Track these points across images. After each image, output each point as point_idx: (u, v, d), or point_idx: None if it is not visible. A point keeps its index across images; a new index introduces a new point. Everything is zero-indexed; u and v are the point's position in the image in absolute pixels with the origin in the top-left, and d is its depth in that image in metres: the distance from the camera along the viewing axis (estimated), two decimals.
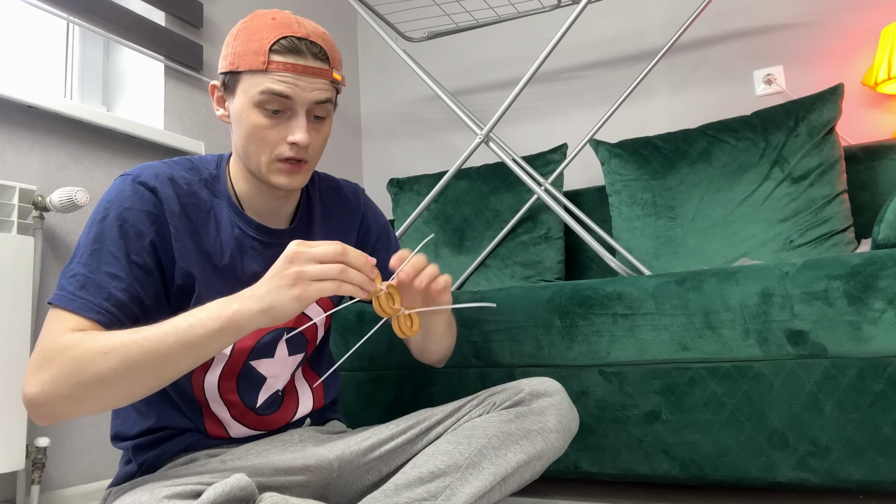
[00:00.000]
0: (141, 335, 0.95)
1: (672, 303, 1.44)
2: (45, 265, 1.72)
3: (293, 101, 1.09)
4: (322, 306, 1.30)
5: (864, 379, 1.28)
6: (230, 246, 1.17)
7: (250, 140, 1.12)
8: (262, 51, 1.08)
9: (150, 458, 1.15)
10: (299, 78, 1.09)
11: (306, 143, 1.11)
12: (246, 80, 1.10)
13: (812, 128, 2.06)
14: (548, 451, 1.19)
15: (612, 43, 2.84)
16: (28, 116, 1.75)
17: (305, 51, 1.10)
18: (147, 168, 1.13)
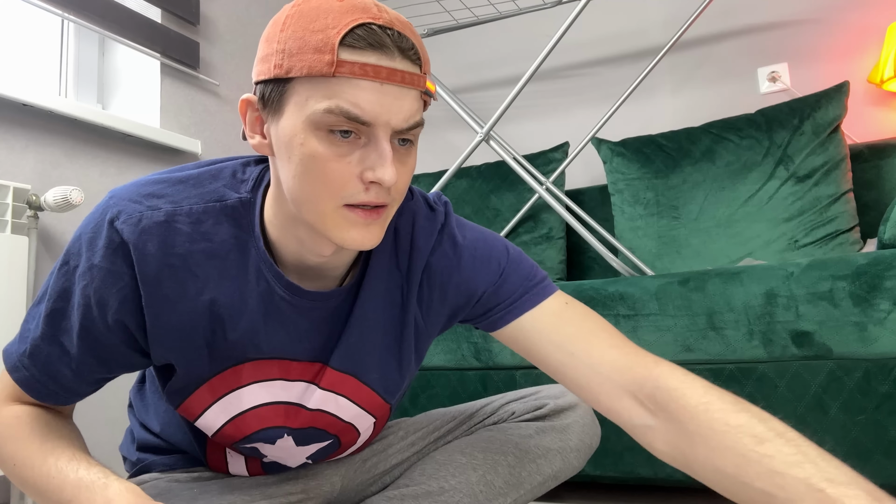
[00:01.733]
0: (42, 470, 0.81)
1: (675, 303, 1.43)
2: (39, 265, 1.72)
3: (370, 124, 0.72)
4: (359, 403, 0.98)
5: (869, 380, 1.28)
6: (250, 305, 0.86)
7: (306, 178, 0.74)
8: (327, 46, 0.70)
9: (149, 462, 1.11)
10: (383, 89, 0.71)
11: (392, 182, 0.73)
12: (301, 89, 0.72)
13: (817, 126, 2.05)
14: (564, 471, 1.14)
15: (614, 40, 2.83)
16: (22, 115, 1.74)
17: (391, 45, 0.72)
18: (136, 201, 0.81)
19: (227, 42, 2.47)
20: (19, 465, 0.82)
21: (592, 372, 0.88)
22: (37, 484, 0.81)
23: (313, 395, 0.93)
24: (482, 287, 0.95)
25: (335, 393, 0.94)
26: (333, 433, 0.99)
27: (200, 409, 0.91)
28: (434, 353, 1.68)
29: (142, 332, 0.83)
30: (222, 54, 2.44)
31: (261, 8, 2.66)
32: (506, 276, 0.95)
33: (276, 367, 0.90)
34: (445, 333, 1.66)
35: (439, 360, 1.68)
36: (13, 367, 0.85)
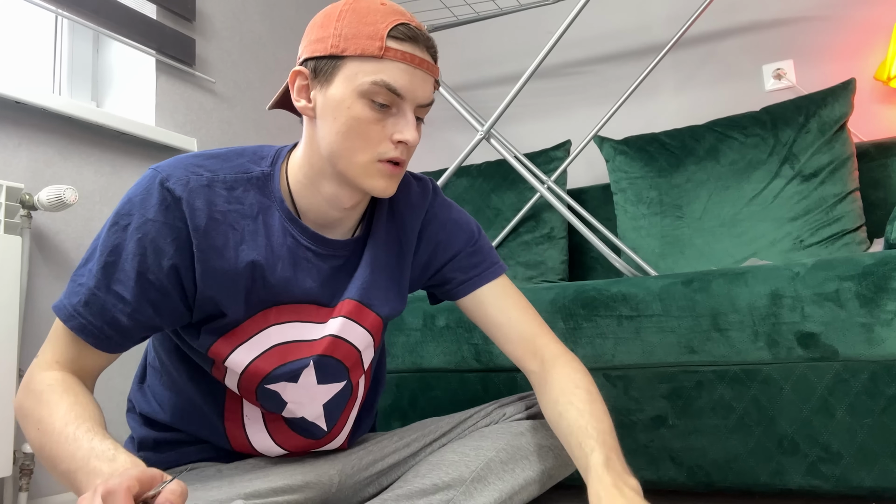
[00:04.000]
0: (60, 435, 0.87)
1: (679, 304, 1.43)
2: (32, 265, 1.71)
3: (403, 98, 0.97)
4: (369, 329, 1.15)
5: (876, 382, 1.27)
6: (281, 257, 1.04)
7: (350, 135, 0.97)
8: (377, 35, 0.95)
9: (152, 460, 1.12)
10: (415, 72, 0.97)
11: (415, 143, 0.99)
12: (352, 66, 0.95)
13: (823, 124, 2.05)
14: (558, 469, 1.18)
15: (616, 37, 2.84)
16: (15, 112, 1.73)
17: (421, 42, 0.98)
18: (181, 168, 0.99)
19: (224, 39, 2.46)
20: (42, 428, 0.89)
21: (516, 333, 1.18)
22: (52, 449, 0.87)
23: (335, 322, 1.09)
24: (459, 246, 1.22)
25: (352, 320, 1.11)
26: (348, 366, 1.13)
27: (231, 347, 1.04)
28: (434, 354, 1.68)
29: (191, 277, 0.99)
30: (219, 51, 2.43)
31: (257, 4, 2.66)
32: (478, 245, 1.24)
33: (303, 310, 1.07)
34: (445, 335, 1.66)
35: (439, 361, 1.67)
36: (69, 317, 0.94)
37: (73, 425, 0.87)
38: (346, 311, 1.10)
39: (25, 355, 1.66)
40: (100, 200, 1.90)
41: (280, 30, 2.77)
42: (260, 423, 1.13)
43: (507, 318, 1.18)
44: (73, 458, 0.84)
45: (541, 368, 1.15)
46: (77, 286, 0.95)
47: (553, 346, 1.17)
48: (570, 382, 1.11)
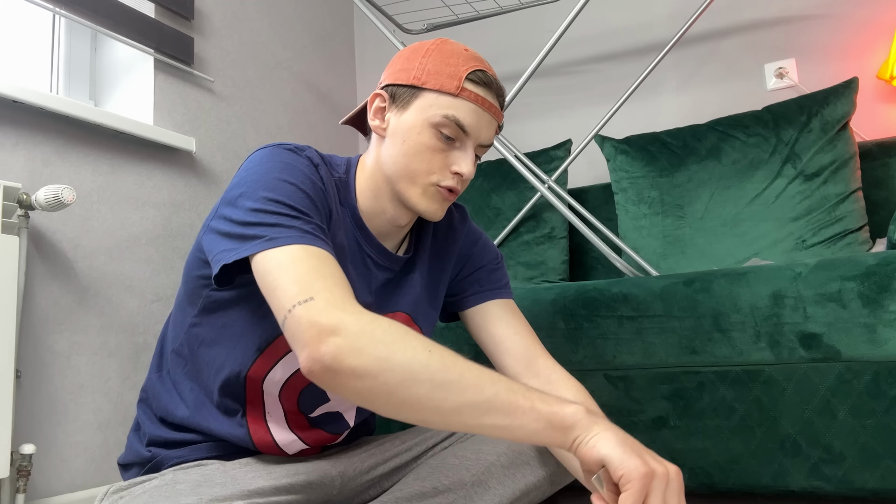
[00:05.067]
0: (466, 364, 0.85)
1: (680, 305, 1.43)
2: (30, 266, 1.70)
3: (468, 136, 1.07)
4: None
5: (879, 383, 1.27)
6: (348, 258, 1.12)
7: (414, 158, 1.07)
8: (457, 75, 1.06)
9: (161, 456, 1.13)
10: (483, 114, 1.07)
11: (470, 177, 1.09)
12: (429, 98, 1.06)
13: (825, 123, 2.05)
14: (560, 475, 1.19)
15: (618, 35, 2.83)
16: (12, 111, 1.72)
17: (493, 89, 1.09)
18: (300, 146, 1.08)
19: (223, 37, 2.46)
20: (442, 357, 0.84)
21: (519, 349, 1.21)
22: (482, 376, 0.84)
23: None
24: (485, 262, 1.32)
25: None
26: None
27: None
28: None
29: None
30: (217, 50, 2.43)
31: (256, 3, 2.65)
32: (500, 266, 1.34)
33: None
34: (445, 336, 1.67)
35: None
36: (305, 236, 0.92)
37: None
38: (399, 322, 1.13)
39: (22, 355, 1.66)
40: (97, 200, 1.89)
41: (279, 28, 2.77)
42: (282, 419, 1.15)
43: (512, 332, 1.23)
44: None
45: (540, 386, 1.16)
46: (279, 215, 0.93)
47: (556, 371, 1.20)
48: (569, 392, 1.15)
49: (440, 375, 0.81)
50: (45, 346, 1.72)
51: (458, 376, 0.81)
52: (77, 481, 1.75)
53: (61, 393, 1.74)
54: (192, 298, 1.12)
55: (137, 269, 1.98)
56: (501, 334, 1.23)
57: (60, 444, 1.73)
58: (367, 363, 0.80)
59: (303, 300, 0.84)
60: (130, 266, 1.96)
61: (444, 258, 1.29)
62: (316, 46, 2.99)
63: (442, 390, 0.81)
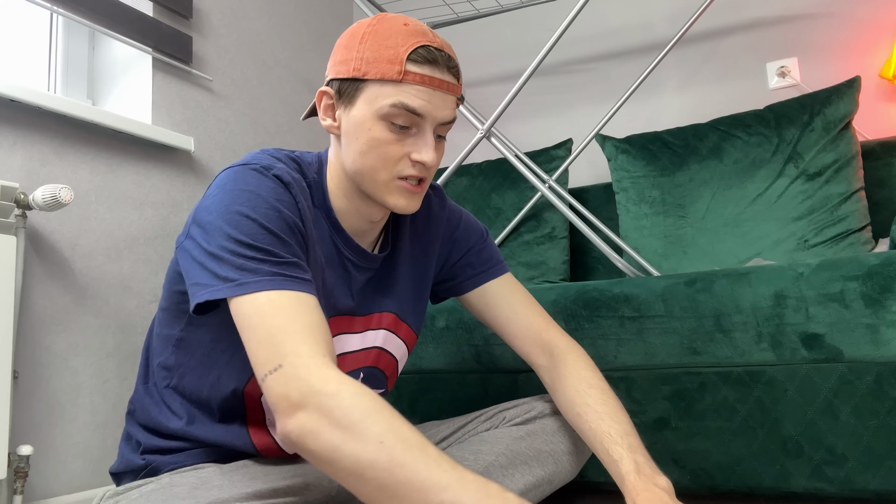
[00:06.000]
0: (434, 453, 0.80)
1: (681, 305, 1.43)
2: (27, 266, 1.70)
3: (423, 119, 1.01)
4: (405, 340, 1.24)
5: (881, 384, 1.26)
6: (328, 264, 1.09)
7: (369, 155, 1.02)
8: (397, 59, 0.98)
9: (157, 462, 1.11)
10: (434, 93, 1.00)
11: (433, 163, 1.03)
12: (372, 89, 1.00)
13: (827, 122, 2.05)
14: (558, 475, 1.19)
15: (619, 34, 2.84)
16: (10, 111, 1.72)
17: (442, 63, 1.01)
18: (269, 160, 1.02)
19: (221, 36, 2.46)
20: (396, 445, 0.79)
21: (523, 327, 1.24)
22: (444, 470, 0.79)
23: (379, 334, 1.17)
24: (471, 243, 1.31)
25: (392, 332, 1.20)
26: (388, 375, 1.22)
27: None
28: (434, 356, 1.69)
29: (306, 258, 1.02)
30: (216, 49, 2.42)
31: (255, 1, 2.65)
32: (487, 243, 1.33)
33: (341, 321, 1.12)
34: (445, 336, 1.67)
35: (439, 363, 1.68)
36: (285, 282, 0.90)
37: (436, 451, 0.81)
38: (386, 324, 1.18)
39: (20, 356, 1.66)
40: (95, 200, 1.89)
41: (278, 27, 2.76)
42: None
43: (513, 312, 1.25)
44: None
45: (550, 363, 1.22)
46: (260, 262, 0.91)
47: (560, 340, 1.23)
48: (583, 382, 1.16)
49: (385, 476, 0.78)
50: (43, 347, 1.71)
51: (404, 478, 0.77)
52: (75, 483, 1.75)
53: (59, 394, 1.74)
54: (175, 313, 1.09)
55: (136, 269, 1.97)
56: (503, 317, 1.26)
57: (58, 446, 1.73)
58: (321, 449, 0.80)
59: (272, 369, 0.84)
60: (129, 266, 1.96)
61: (427, 248, 1.26)
62: (315, 45, 2.98)
63: (385, 493, 0.78)
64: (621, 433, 1.08)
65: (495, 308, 1.26)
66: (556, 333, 1.24)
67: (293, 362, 0.84)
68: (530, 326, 1.24)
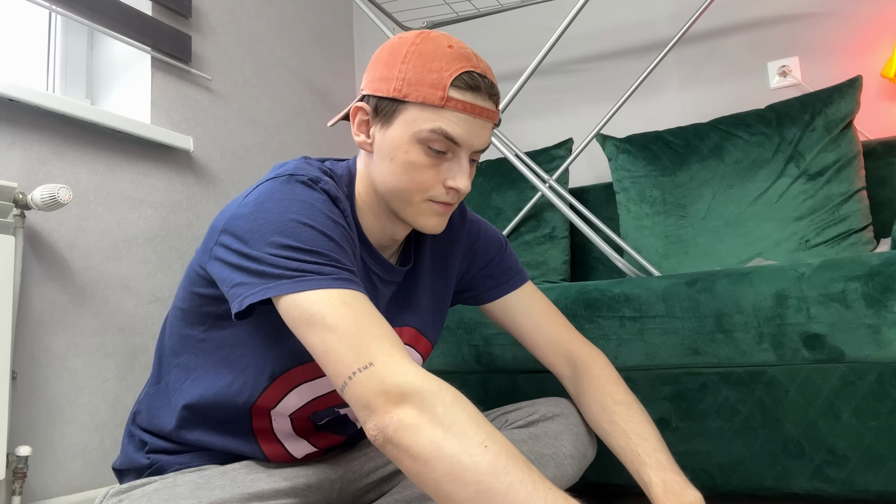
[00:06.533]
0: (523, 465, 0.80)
1: (682, 305, 1.43)
2: (26, 266, 1.71)
3: (460, 146, 1.00)
4: (423, 354, 1.25)
5: (883, 384, 1.26)
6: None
7: (403, 178, 1.01)
8: (440, 84, 0.97)
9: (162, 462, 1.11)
10: (474, 121, 1.00)
11: (466, 192, 1.03)
12: (412, 112, 0.99)
13: (829, 122, 2.05)
14: (560, 479, 1.18)
15: (619, 33, 2.84)
16: (8, 110, 1.73)
17: (484, 91, 1.00)
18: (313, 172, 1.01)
19: (221, 36, 2.46)
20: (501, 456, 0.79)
21: (546, 338, 1.27)
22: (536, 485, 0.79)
23: None
24: (492, 254, 1.32)
25: (412, 347, 1.21)
26: None
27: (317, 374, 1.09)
28: (434, 356, 1.69)
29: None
30: (215, 48, 2.43)
31: (255, 0, 2.66)
32: (507, 253, 1.33)
33: None
34: (445, 336, 1.67)
35: (439, 363, 1.68)
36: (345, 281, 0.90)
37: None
38: (407, 339, 1.20)
39: (19, 356, 1.66)
40: (94, 199, 1.89)
41: (277, 26, 2.77)
42: (289, 429, 1.13)
43: (535, 323, 1.28)
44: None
45: (573, 374, 1.26)
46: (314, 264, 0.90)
47: (584, 351, 1.27)
48: (608, 398, 1.20)
49: (488, 480, 0.77)
50: (42, 347, 1.72)
51: (507, 486, 0.76)
52: (73, 483, 1.76)
53: (58, 394, 1.74)
54: (196, 314, 1.08)
55: (134, 269, 1.98)
56: (525, 328, 1.28)
57: (56, 446, 1.73)
58: (421, 445, 0.79)
59: (362, 367, 0.83)
60: (127, 266, 1.96)
61: (447, 260, 1.26)
62: (315, 45, 2.99)
63: (486, 498, 0.77)
64: (649, 451, 1.11)
65: (517, 319, 1.29)
66: (579, 343, 1.27)
67: (387, 361, 0.83)
68: (553, 337, 1.27)
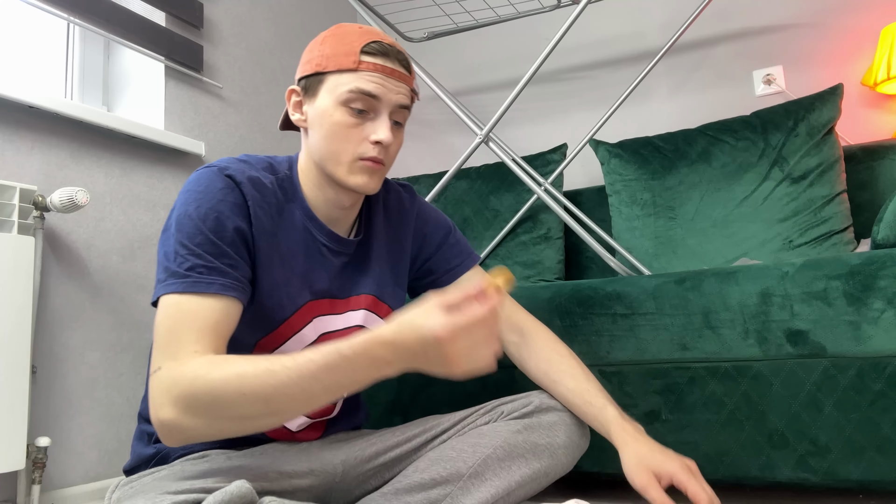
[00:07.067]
0: (278, 369, 0.90)
1: (672, 303, 1.43)
2: (45, 265, 1.72)
3: (379, 102, 1.11)
4: (381, 316, 1.29)
5: (863, 378, 1.28)
6: (302, 252, 1.17)
7: (333, 139, 1.11)
8: (353, 52, 1.10)
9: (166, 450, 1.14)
10: (387, 79, 1.11)
11: (390, 142, 1.11)
12: (333, 79, 1.11)
13: (811, 128, 2.05)
14: (554, 468, 1.19)
15: (611, 43, 2.84)
16: (28, 116, 1.74)
17: (392, 56, 1.12)
18: (232, 163, 1.12)
19: (231, 45, 2.47)
20: (254, 385, 0.90)
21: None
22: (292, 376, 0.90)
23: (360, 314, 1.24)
24: (441, 239, 1.39)
25: (372, 312, 1.26)
26: None
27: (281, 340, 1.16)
28: None
29: (252, 249, 1.10)
30: (226, 57, 2.44)
31: (263, 12, 2.66)
32: (457, 238, 1.41)
33: (325, 305, 1.20)
34: None
35: None
36: (206, 284, 1.00)
37: (283, 359, 0.91)
38: (365, 305, 1.25)
39: (39, 352, 1.68)
40: (110, 202, 1.91)
41: (285, 36, 2.77)
42: None
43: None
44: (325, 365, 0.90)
45: (521, 339, 1.33)
46: (187, 270, 1.00)
47: (530, 321, 1.35)
48: (554, 353, 1.30)
49: (258, 388, 0.89)
50: (60, 343, 1.74)
51: (276, 382, 0.89)
52: (90, 473, 1.77)
53: (75, 388, 1.76)
54: None
55: (149, 268, 1.99)
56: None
57: (74, 437, 1.75)
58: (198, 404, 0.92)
59: (154, 369, 0.96)
60: (142, 265, 1.98)
61: (400, 237, 1.34)
62: None
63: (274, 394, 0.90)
64: (597, 389, 1.24)
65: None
66: (524, 315, 1.36)
67: (169, 366, 0.95)
68: (503, 311, 1.33)
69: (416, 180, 2.75)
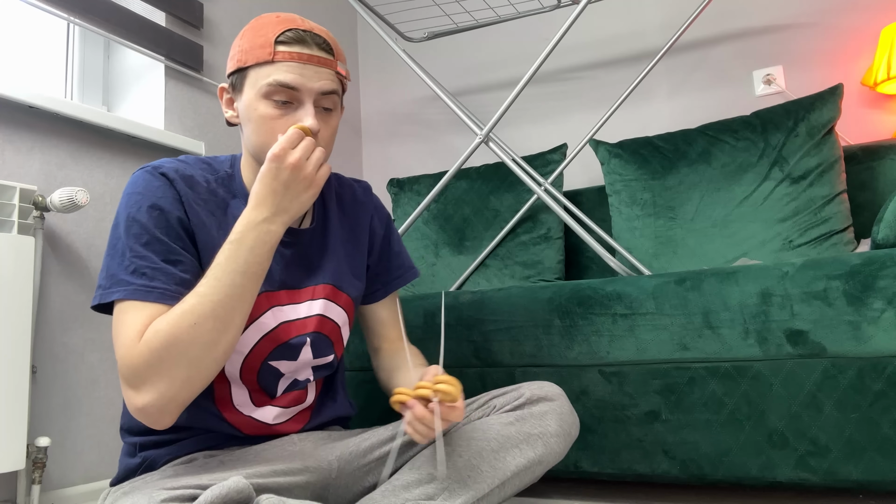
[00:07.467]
0: (203, 290, 1.00)
1: (672, 303, 1.44)
2: (45, 265, 1.72)
3: (300, 92, 1.10)
4: (344, 308, 1.30)
5: (863, 378, 1.28)
6: None
7: (261, 133, 1.11)
8: (267, 43, 1.09)
9: (153, 456, 1.14)
10: (305, 67, 1.10)
11: (315, 129, 1.10)
12: (253, 73, 1.11)
13: (811, 128, 2.05)
14: (548, 456, 1.19)
15: (611, 43, 2.84)
16: (28, 116, 1.74)
17: (310, 41, 1.11)
18: (167, 162, 1.14)
19: (230, 45, 2.43)
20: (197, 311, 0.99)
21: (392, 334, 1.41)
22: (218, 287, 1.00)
23: (318, 304, 1.24)
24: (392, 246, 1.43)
25: (331, 301, 1.26)
26: (333, 341, 1.28)
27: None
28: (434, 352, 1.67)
29: (194, 238, 1.12)
30: (226, 57, 2.43)
31: (262, 11, 2.63)
32: (402, 247, 1.46)
33: (283, 295, 1.20)
34: (445, 333, 1.67)
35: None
36: (146, 292, 1.02)
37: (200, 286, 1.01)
38: (324, 294, 1.26)
39: (38, 352, 1.68)
40: (110, 202, 1.91)
41: None
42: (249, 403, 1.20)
43: (389, 314, 1.42)
44: (234, 259, 1.02)
45: (389, 347, 1.40)
46: (131, 273, 1.03)
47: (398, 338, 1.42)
48: (413, 356, 1.34)
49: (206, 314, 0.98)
50: (60, 343, 1.74)
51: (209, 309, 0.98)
52: (90, 473, 1.77)
53: (75, 388, 1.76)
54: None
55: None
56: (381, 318, 1.41)
57: (74, 437, 1.75)
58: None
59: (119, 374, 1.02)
60: None
61: (356, 230, 1.36)
62: None
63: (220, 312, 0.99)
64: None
65: (382, 312, 1.42)
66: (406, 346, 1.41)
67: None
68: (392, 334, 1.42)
69: (416, 180, 2.75)
